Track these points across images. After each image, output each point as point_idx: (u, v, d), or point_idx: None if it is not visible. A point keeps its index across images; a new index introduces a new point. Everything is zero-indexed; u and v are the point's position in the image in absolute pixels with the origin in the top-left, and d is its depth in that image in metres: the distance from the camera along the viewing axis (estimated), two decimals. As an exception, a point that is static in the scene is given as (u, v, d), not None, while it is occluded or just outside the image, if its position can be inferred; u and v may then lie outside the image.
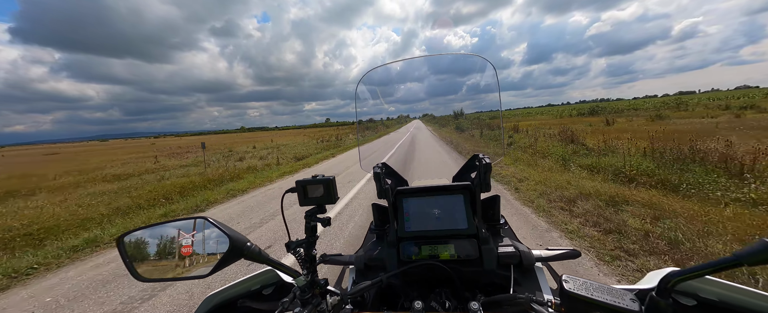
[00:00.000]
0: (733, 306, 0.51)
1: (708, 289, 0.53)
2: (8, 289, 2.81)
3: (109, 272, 2.98)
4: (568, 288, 0.47)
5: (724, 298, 0.51)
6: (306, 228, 0.61)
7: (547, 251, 0.75)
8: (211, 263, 0.51)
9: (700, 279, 0.53)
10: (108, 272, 2.98)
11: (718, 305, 0.52)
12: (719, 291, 0.52)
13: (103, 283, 2.75)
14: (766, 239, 0.36)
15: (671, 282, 0.42)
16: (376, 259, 0.80)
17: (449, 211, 0.79)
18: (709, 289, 0.53)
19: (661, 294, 0.44)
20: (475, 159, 0.83)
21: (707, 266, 0.40)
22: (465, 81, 1.24)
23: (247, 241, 0.54)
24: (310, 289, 0.57)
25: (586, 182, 4.60)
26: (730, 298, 0.51)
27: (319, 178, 0.61)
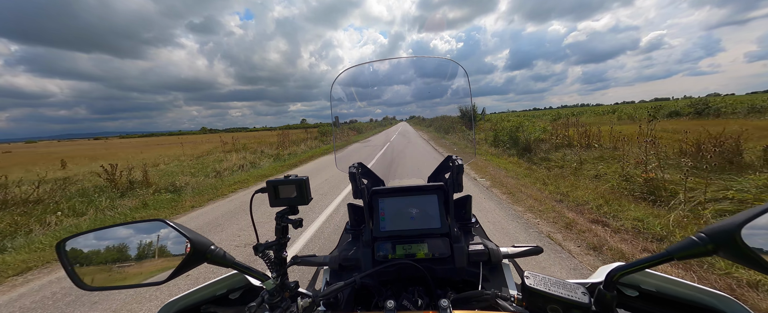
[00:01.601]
0: (668, 295, 0.57)
1: (648, 281, 0.59)
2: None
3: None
4: (529, 284, 0.50)
5: (662, 289, 0.58)
6: (276, 229, 0.59)
7: (513, 248, 0.79)
8: (169, 269, 0.48)
9: (641, 273, 0.58)
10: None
11: (656, 295, 0.58)
12: (658, 283, 0.58)
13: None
14: (692, 236, 0.41)
15: (615, 276, 0.46)
16: (351, 259, 0.79)
17: (423, 210, 0.81)
18: (649, 281, 0.59)
19: (607, 287, 0.47)
20: (449, 160, 0.86)
21: (646, 260, 0.44)
22: (449, 85, 1.27)
23: (210, 244, 0.51)
24: (279, 292, 0.55)
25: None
26: (666, 289, 0.57)
27: (291, 178, 0.59)
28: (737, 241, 0.37)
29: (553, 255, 2.71)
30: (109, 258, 0.48)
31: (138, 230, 0.49)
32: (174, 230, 0.49)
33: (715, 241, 0.39)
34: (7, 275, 2.91)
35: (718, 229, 0.39)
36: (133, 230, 0.49)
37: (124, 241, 0.49)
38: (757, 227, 0.37)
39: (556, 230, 3.28)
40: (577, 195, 4.29)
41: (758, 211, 0.38)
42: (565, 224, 3.39)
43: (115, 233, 0.49)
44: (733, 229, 0.37)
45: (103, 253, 0.48)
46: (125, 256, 0.48)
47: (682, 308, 0.56)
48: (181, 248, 0.49)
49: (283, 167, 9.90)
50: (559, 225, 3.40)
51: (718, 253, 0.39)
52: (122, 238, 0.49)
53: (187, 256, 0.48)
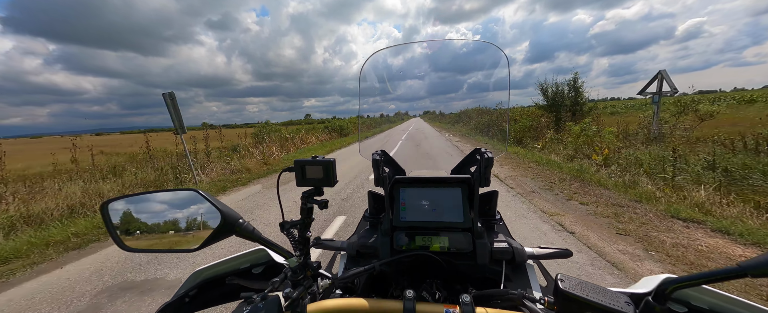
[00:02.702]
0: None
1: (701, 297, 0.53)
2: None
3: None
4: (563, 287, 0.47)
5: (716, 308, 0.51)
6: (302, 209, 0.60)
7: (540, 249, 0.75)
8: (200, 238, 0.50)
9: (695, 288, 0.53)
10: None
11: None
12: (712, 300, 0.52)
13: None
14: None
15: (669, 288, 0.42)
16: (369, 246, 0.79)
17: (446, 203, 0.78)
18: (701, 297, 0.53)
19: (657, 299, 0.43)
20: (476, 153, 0.82)
21: (707, 274, 0.39)
22: (466, 79, 1.21)
23: (239, 217, 0.52)
24: (302, 270, 0.56)
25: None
26: (722, 308, 0.51)
27: (318, 159, 0.59)
28: None
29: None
30: (146, 222, 0.50)
31: (173, 198, 0.51)
32: (207, 200, 0.50)
33: None
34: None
35: None
36: (169, 197, 0.51)
37: (160, 207, 0.51)
38: None
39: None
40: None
41: None
42: None
43: (152, 199, 0.51)
44: None
45: (141, 217, 0.50)
46: (161, 221, 0.50)
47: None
48: (212, 219, 0.51)
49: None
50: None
51: None
52: (158, 204, 0.51)
53: (218, 227, 0.49)
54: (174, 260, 2.85)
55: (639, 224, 3.26)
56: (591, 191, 4.52)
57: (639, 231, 3.09)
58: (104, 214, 0.50)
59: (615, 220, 3.38)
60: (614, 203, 3.94)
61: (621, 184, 4.65)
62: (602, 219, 3.44)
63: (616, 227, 3.19)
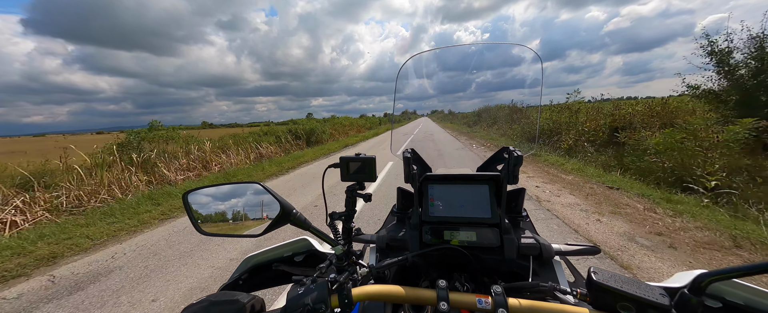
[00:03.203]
0: (759, 311, 0.50)
1: (735, 292, 0.53)
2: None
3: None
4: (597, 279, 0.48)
5: (751, 303, 0.51)
6: (346, 202, 0.66)
7: (567, 246, 0.77)
8: (262, 225, 0.57)
9: (728, 282, 0.53)
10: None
11: (743, 308, 0.52)
12: (747, 295, 0.52)
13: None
14: None
15: (705, 282, 0.43)
16: (398, 240, 0.84)
17: (474, 200, 0.82)
18: (736, 292, 0.53)
19: (693, 292, 0.44)
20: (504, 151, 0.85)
21: (744, 268, 0.40)
22: (474, 79, 1.22)
23: (293, 208, 0.59)
24: (346, 258, 0.62)
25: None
26: (756, 303, 0.51)
27: (361, 156, 0.65)
28: None
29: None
30: (218, 210, 0.58)
31: (240, 190, 0.59)
32: (267, 192, 0.57)
33: None
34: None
35: None
36: (236, 189, 0.59)
37: (229, 197, 0.59)
38: None
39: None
40: None
41: None
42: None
43: (223, 190, 0.59)
44: None
45: (214, 205, 0.58)
46: (230, 210, 0.58)
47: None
48: (271, 208, 0.58)
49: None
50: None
51: None
52: (228, 194, 0.59)
53: (277, 216, 0.56)
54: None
55: None
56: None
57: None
58: (185, 202, 0.58)
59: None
60: None
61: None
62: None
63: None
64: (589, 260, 2.59)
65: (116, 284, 2.48)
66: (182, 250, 3.09)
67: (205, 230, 0.57)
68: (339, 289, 0.54)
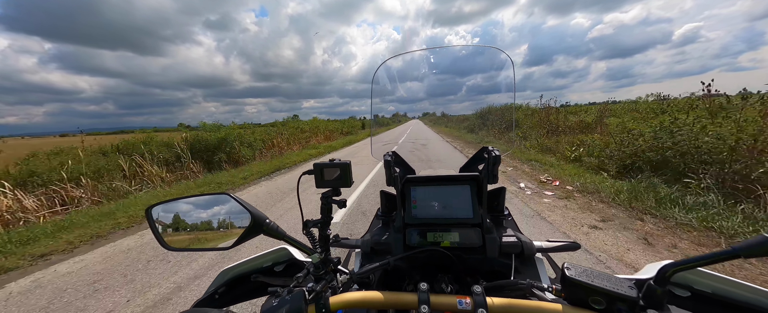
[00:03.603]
0: (725, 298, 0.53)
1: (702, 281, 0.56)
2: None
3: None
4: (570, 275, 0.49)
5: (718, 290, 0.54)
6: (322, 209, 0.64)
7: (548, 243, 0.78)
8: (232, 237, 0.55)
9: (695, 272, 0.55)
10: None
11: (711, 297, 0.54)
12: (713, 283, 0.55)
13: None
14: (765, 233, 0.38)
15: (668, 272, 0.45)
16: (382, 243, 0.83)
17: (456, 200, 0.82)
18: (703, 281, 0.56)
19: (658, 283, 0.46)
20: (484, 151, 0.85)
21: (705, 257, 0.42)
22: (465, 82, 1.23)
23: (266, 218, 0.57)
24: (323, 266, 0.60)
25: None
26: (723, 291, 0.54)
27: (336, 162, 0.63)
28: None
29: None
30: (185, 224, 0.56)
31: (207, 202, 0.57)
32: (237, 203, 0.55)
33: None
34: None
35: None
36: (203, 201, 0.57)
37: (197, 210, 0.56)
38: None
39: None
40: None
41: None
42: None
43: (189, 203, 0.57)
44: None
45: (181, 219, 0.56)
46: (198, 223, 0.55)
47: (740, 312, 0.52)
48: (243, 219, 0.56)
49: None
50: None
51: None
52: (195, 207, 0.56)
53: (248, 227, 0.54)
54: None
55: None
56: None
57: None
58: (149, 217, 0.56)
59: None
60: None
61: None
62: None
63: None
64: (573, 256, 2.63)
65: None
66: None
67: (170, 244, 0.55)
68: (316, 298, 0.53)
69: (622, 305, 0.46)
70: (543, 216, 3.61)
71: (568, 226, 3.34)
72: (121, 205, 5.03)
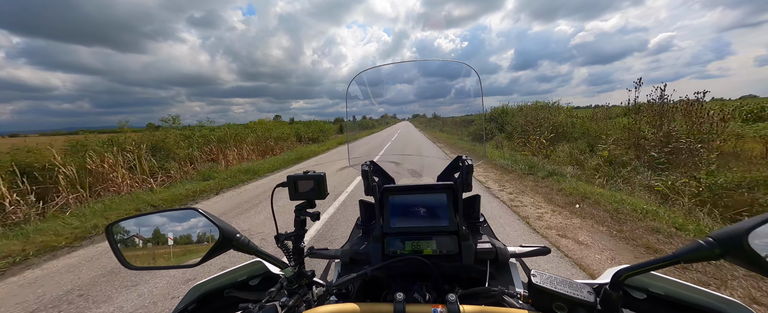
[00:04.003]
0: (677, 299, 0.58)
1: (656, 284, 0.60)
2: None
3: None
4: (535, 282, 0.52)
5: (670, 292, 0.59)
6: (295, 222, 0.63)
7: (521, 248, 0.80)
8: (200, 253, 0.53)
9: (649, 275, 0.60)
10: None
11: (664, 299, 0.59)
12: (666, 286, 0.59)
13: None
14: (700, 240, 0.42)
15: (622, 276, 0.48)
16: (361, 253, 0.83)
17: (433, 209, 0.83)
18: (657, 284, 0.60)
19: (613, 287, 0.49)
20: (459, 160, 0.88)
21: (653, 262, 0.45)
22: (453, 84, 1.27)
23: (236, 232, 0.56)
24: (297, 280, 0.59)
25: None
26: (674, 292, 0.58)
27: (310, 174, 0.63)
28: (744, 246, 0.38)
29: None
30: (149, 242, 0.53)
31: (173, 218, 0.55)
32: (205, 218, 0.54)
33: (722, 245, 0.40)
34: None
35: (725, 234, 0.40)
36: (169, 217, 0.55)
37: (162, 227, 0.54)
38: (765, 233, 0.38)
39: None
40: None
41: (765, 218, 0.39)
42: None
43: (154, 220, 0.54)
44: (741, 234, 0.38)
45: (145, 237, 0.53)
46: (163, 240, 0.53)
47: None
48: (211, 234, 0.54)
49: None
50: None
51: (724, 257, 0.40)
52: (160, 224, 0.54)
53: (217, 242, 0.53)
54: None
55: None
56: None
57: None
58: (109, 235, 0.53)
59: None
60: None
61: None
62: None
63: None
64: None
65: None
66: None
67: (133, 263, 0.52)
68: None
69: (581, 310, 0.48)
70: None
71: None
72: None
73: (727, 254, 0.40)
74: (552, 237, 3.17)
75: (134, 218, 0.54)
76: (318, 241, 3.26)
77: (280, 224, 0.66)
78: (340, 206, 4.48)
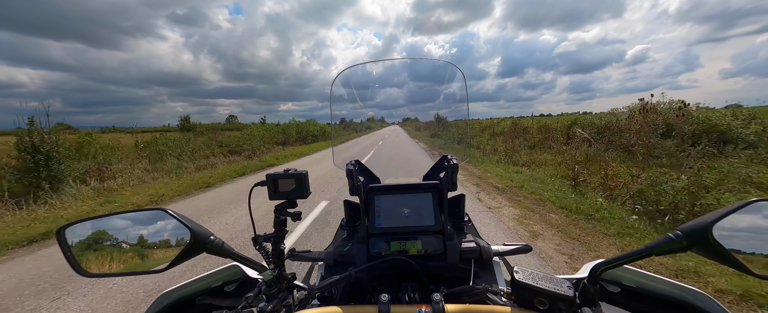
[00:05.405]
0: (648, 291, 0.61)
1: (629, 277, 0.63)
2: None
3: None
4: (518, 278, 0.52)
5: (642, 285, 0.62)
6: (275, 222, 0.60)
7: (504, 247, 0.82)
8: (169, 257, 0.49)
9: (622, 269, 0.62)
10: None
11: (637, 291, 0.62)
12: (638, 279, 0.62)
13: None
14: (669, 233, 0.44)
15: (598, 271, 0.50)
16: (346, 255, 0.80)
17: (418, 208, 0.82)
18: (630, 277, 0.63)
19: (590, 281, 0.51)
20: (445, 160, 0.88)
21: (626, 256, 0.47)
22: (443, 90, 1.28)
23: (210, 234, 0.52)
24: (276, 283, 0.56)
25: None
26: (646, 285, 0.61)
27: (291, 172, 0.60)
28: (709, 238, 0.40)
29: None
30: (109, 246, 0.48)
31: (139, 219, 0.50)
32: (175, 219, 0.49)
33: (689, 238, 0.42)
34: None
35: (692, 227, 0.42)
36: (134, 218, 0.50)
37: (126, 229, 0.49)
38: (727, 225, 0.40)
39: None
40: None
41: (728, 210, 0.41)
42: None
43: (116, 222, 0.49)
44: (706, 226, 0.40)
45: (104, 241, 0.48)
46: (126, 244, 0.48)
47: (661, 304, 0.59)
48: (182, 237, 0.50)
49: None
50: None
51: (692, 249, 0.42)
52: (123, 226, 0.49)
53: (188, 245, 0.49)
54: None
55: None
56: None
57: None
58: (60, 239, 0.47)
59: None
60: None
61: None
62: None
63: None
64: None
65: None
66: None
67: (87, 270, 0.47)
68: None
69: (562, 305, 0.50)
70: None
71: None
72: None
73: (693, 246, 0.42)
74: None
75: (91, 219, 0.49)
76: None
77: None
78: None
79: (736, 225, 0.41)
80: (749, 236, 0.41)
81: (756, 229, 0.41)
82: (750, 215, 0.41)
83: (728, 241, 0.40)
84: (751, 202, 0.41)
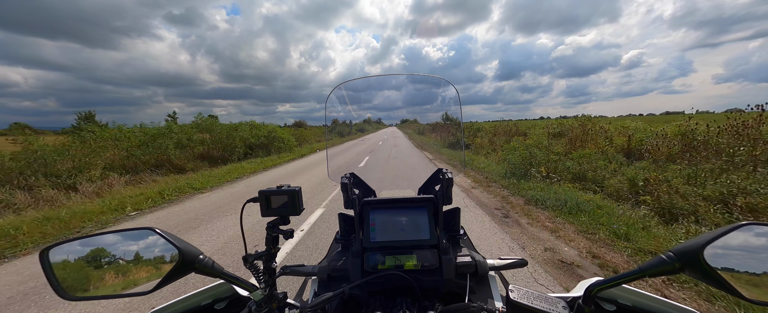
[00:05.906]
0: (644, 311, 0.60)
1: (626, 296, 0.62)
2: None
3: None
4: (513, 297, 0.52)
5: (638, 304, 0.61)
6: (267, 240, 0.59)
7: (500, 261, 0.81)
8: (156, 278, 0.47)
9: (618, 288, 0.62)
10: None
11: (632, 310, 0.61)
12: (635, 298, 0.62)
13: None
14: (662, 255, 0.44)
15: (593, 290, 0.49)
16: (340, 269, 0.79)
17: (413, 222, 0.82)
18: (626, 296, 0.62)
19: (585, 301, 0.50)
20: (439, 173, 0.88)
21: (621, 276, 0.47)
22: (440, 93, 1.31)
23: (199, 253, 0.51)
24: (267, 303, 0.55)
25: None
26: (642, 304, 0.61)
27: (284, 188, 0.60)
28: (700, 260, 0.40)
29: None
30: (94, 267, 0.47)
31: (126, 238, 0.49)
32: (163, 238, 0.48)
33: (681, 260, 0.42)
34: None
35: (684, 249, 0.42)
36: (120, 237, 0.49)
37: (111, 249, 0.48)
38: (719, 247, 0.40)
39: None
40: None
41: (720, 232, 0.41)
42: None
43: (102, 241, 0.48)
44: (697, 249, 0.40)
45: (89, 262, 0.47)
46: (112, 265, 0.47)
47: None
48: (170, 256, 0.49)
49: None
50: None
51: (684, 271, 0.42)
52: (109, 246, 0.48)
53: (176, 265, 0.47)
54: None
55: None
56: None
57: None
58: (43, 262, 0.46)
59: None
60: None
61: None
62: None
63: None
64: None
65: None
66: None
67: (71, 293, 0.45)
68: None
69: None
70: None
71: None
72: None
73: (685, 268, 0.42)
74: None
75: (77, 240, 0.48)
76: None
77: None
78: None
79: (727, 248, 0.41)
80: (740, 259, 0.41)
81: (746, 252, 0.41)
82: (741, 237, 0.41)
83: (719, 263, 0.40)
84: (741, 225, 0.41)
